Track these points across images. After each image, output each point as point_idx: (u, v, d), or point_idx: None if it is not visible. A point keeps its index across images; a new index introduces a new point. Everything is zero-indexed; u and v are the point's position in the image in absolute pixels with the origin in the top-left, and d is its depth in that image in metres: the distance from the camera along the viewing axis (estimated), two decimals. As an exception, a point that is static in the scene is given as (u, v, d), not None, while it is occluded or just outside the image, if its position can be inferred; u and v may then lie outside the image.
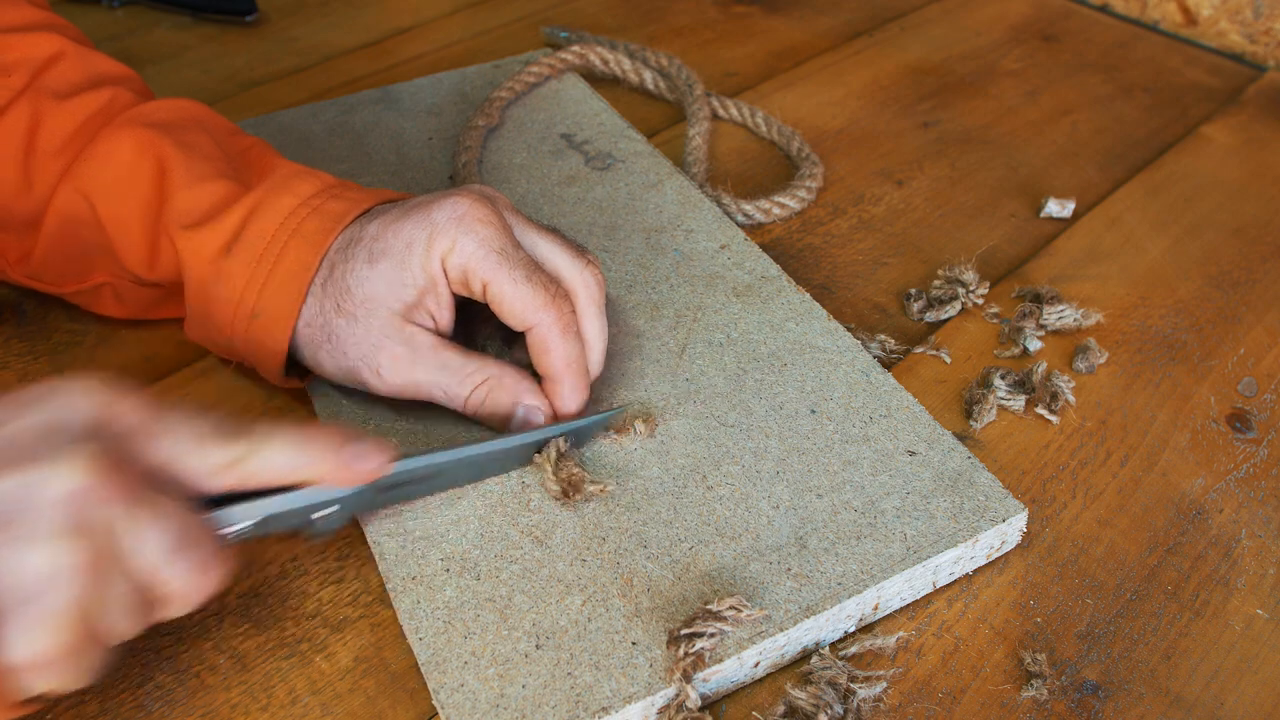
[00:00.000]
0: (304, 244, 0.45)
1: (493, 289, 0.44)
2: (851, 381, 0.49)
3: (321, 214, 0.46)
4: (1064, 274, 0.60)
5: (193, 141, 0.48)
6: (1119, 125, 0.73)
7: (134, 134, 0.48)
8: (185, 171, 0.47)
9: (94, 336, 0.54)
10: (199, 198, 0.46)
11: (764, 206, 0.63)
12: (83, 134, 0.49)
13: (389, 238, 0.44)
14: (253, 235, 0.45)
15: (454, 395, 0.45)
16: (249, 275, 0.45)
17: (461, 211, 0.44)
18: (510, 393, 0.45)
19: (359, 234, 0.45)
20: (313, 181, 0.47)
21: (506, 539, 0.43)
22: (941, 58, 0.81)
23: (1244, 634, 0.43)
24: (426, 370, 0.45)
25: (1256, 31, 0.82)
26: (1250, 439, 0.51)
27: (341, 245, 0.45)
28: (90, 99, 0.49)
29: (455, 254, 0.43)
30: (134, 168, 0.47)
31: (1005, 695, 0.40)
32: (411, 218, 0.44)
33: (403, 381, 0.45)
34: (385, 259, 0.44)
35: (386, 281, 0.44)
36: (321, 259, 0.45)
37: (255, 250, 0.45)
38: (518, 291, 0.44)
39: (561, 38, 0.79)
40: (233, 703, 0.39)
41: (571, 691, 0.37)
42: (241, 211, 0.46)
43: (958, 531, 0.43)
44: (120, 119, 0.49)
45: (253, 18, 0.84)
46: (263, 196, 0.46)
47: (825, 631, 0.41)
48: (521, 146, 0.66)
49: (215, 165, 0.48)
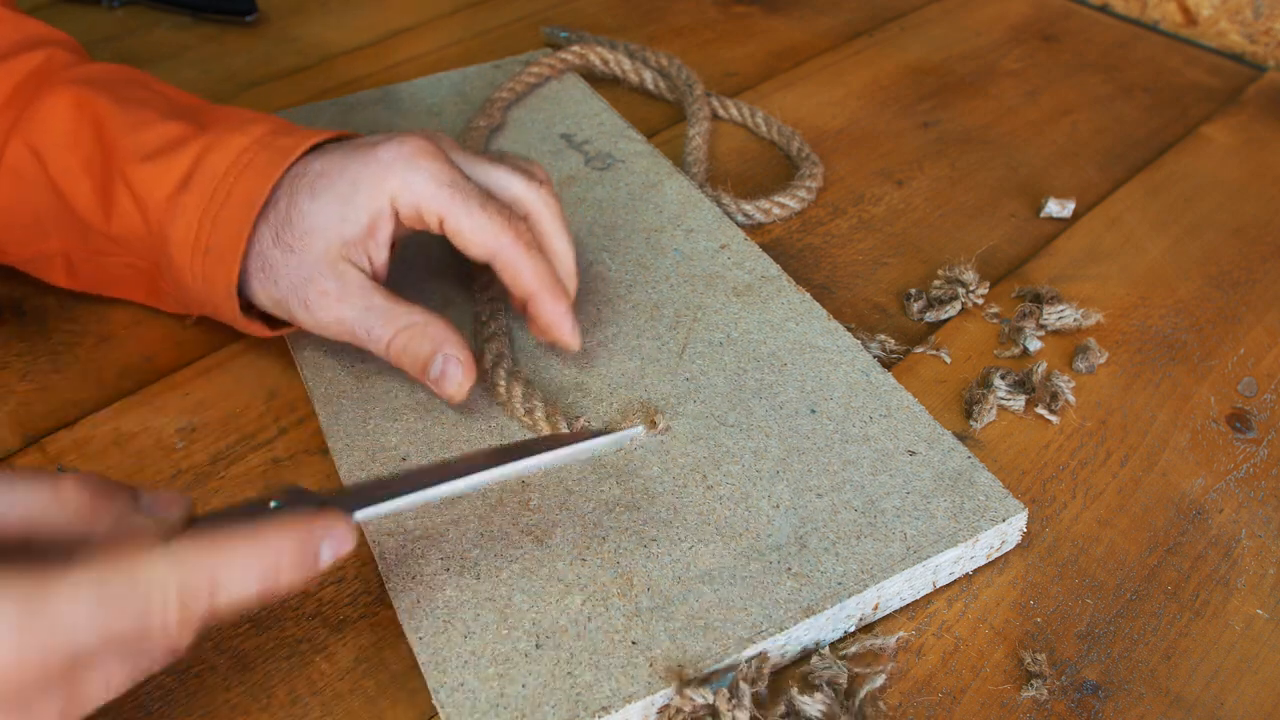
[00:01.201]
0: (255, 176, 0.45)
1: (449, 222, 0.44)
2: (851, 381, 0.49)
3: (272, 149, 0.46)
4: (1064, 274, 0.60)
5: (132, 95, 0.49)
6: (1119, 125, 0.73)
7: (72, 91, 0.48)
8: (125, 119, 0.47)
9: (93, 336, 0.54)
10: (149, 139, 0.47)
11: (764, 206, 0.63)
12: (22, 93, 0.49)
13: (334, 174, 0.45)
14: (206, 172, 0.45)
15: (377, 336, 0.45)
16: (202, 210, 0.45)
17: (408, 150, 0.44)
18: (432, 340, 0.45)
19: (304, 169, 0.45)
20: (265, 123, 0.47)
21: (506, 539, 0.43)
22: (941, 58, 0.81)
23: (1244, 634, 0.43)
24: (353, 309, 0.45)
25: (1256, 31, 0.82)
26: (1250, 439, 0.51)
27: (289, 179, 0.45)
28: (27, 59, 0.49)
29: (406, 191, 0.44)
30: (76, 123, 0.47)
31: (1005, 695, 0.40)
32: (358, 156, 0.45)
33: (329, 318, 0.45)
34: (328, 194, 0.44)
35: (327, 216, 0.44)
36: (270, 190, 0.45)
37: (208, 186, 0.45)
38: (474, 222, 0.44)
39: (561, 38, 0.80)
40: (233, 703, 0.39)
41: (571, 691, 0.37)
42: (195, 150, 0.46)
43: (958, 531, 0.43)
44: (58, 77, 0.49)
45: (253, 18, 0.84)
46: (215, 137, 0.46)
47: (825, 631, 0.41)
48: (521, 147, 0.66)
49: (159, 111, 0.48)
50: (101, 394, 0.51)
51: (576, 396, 0.49)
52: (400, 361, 0.46)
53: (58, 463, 0.48)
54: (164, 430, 0.49)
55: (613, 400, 0.49)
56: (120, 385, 0.52)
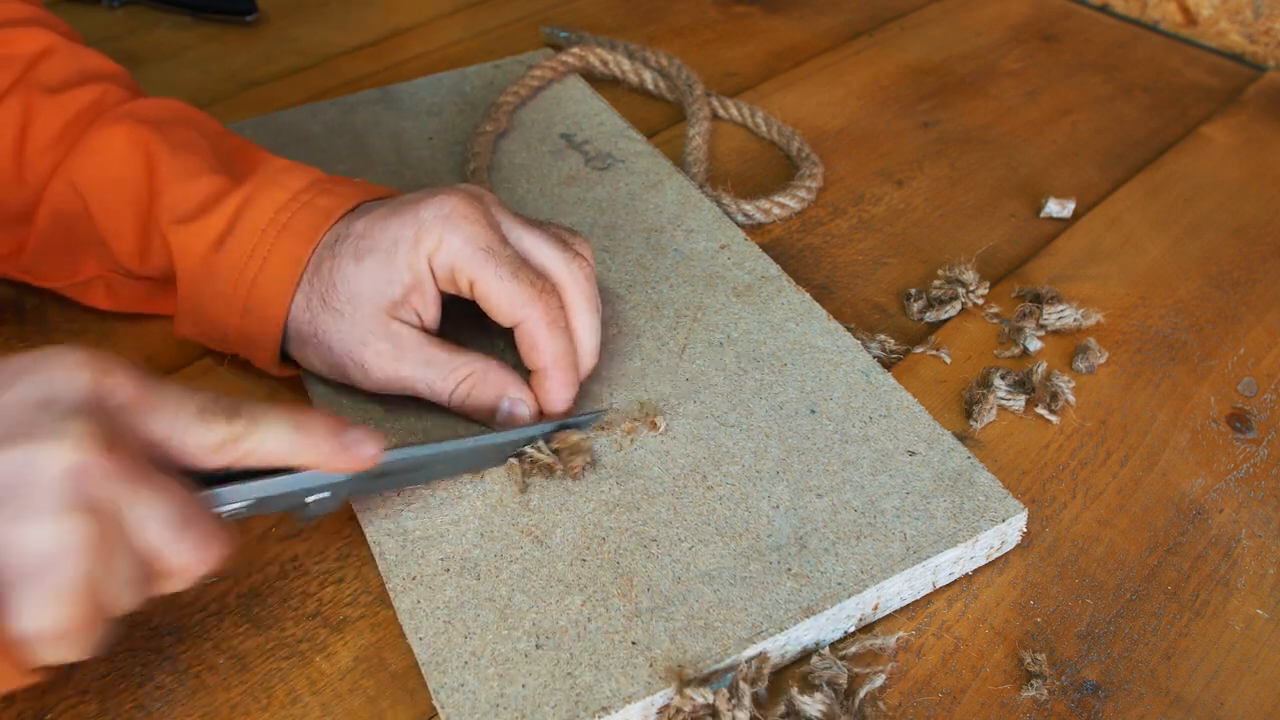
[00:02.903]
0: (294, 239, 0.45)
1: (479, 287, 0.44)
2: (851, 381, 0.49)
3: (311, 209, 0.46)
4: (1064, 274, 0.60)
5: (183, 138, 0.49)
6: (1119, 125, 0.73)
7: (125, 129, 0.48)
8: (175, 167, 0.47)
9: (93, 335, 0.54)
10: (190, 193, 0.47)
11: (764, 206, 0.63)
12: (74, 128, 0.49)
13: (376, 235, 0.44)
14: (244, 230, 0.45)
15: (439, 390, 0.45)
16: (241, 269, 0.45)
17: (448, 210, 0.44)
18: (494, 386, 0.46)
19: (346, 230, 0.45)
20: (302, 176, 0.47)
21: (506, 539, 0.43)
22: (941, 58, 0.81)
23: (1244, 634, 0.43)
24: (411, 365, 0.45)
25: (1256, 31, 0.82)
26: (1250, 439, 0.51)
27: (329, 241, 0.45)
28: (81, 94, 0.49)
29: (442, 252, 0.44)
30: (125, 162, 0.48)
31: (1005, 695, 0.40)
32: (399, 216, 0.44)
33: (388, 377, 0.45)
34: (371, 256, 0.44)
35: (372, 278, 0.44)
36: (311, 253, 0.45)
37: (247, 245, 0.45)
38: (503, 288, 0.44)
39: (561, 38, 0.79)
40: (233, 703, 0.39)
41: (571, 691, 0.37)
42: (232, 206, 0.46)
43: (958, 531, 0.43)
44: (111, 114, 0.49)
45: (253, 18, 0.84)
46: (253, 191, 0.46)
47: (825, 631, 0.41)
48: (521, 147, 0.66)
49: (205, 161, 0.48)
50: (101, 394, 0.51)
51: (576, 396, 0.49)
52: (464, 410, 0.46)
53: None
54: (164, 430, 0.49)
55: (613, 400, 0.48)
56: (120, 385, 0.52)
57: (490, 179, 0.63)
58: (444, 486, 0.45)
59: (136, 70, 0.77)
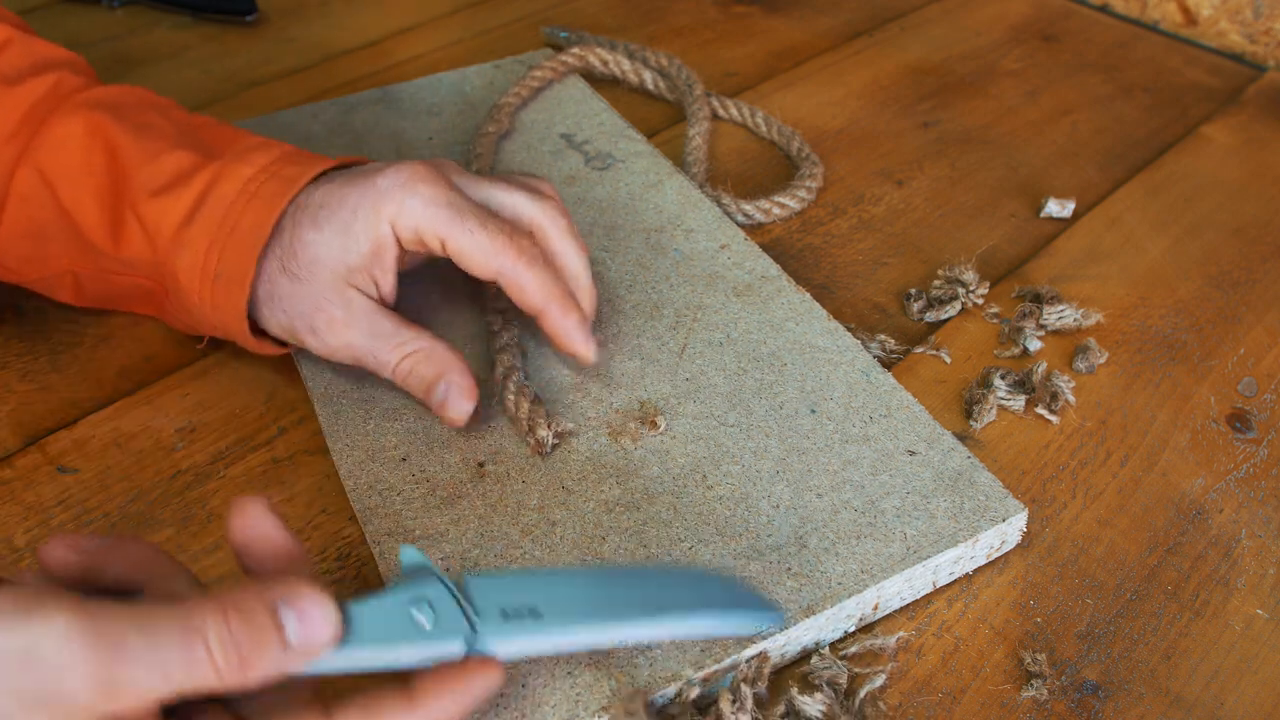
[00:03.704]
0: (261, 206, 0.45)
1: (450, 244, 0.45)
2: (851, 381, 0.49)
3: (278, 178, 0.46)
4: (1064, 274, 0.60)
5: (144, 120, 0.49)
6: (1119, 125, 0.73)
7: (84, 116, 0.48)
8: (139, 149, 0.47)
9: (93, 336, 0.54)
10: (160, 170, 0.47)
11: (764, 206, 0.63)
12: (32, 118, 0.49)
13: (334, 204, 0.45)
14: (213, 203, 0.46)
15: (383, 361, 0.46)
16: (210, 239, 0.45)
17: (405, 176, 0.45)
18: (437, 365, 0.46)
19: (307, 199, 0.46)
20: (271, 150, 0.48)
21: (506, 539, 0.43)
22: (941, 58, 0.81)
23: (1244, 634, 0.43)
24: (360, 334, 0.45)
25: (1256, 31, 0.82)
26: (1250, 439, 0.51)
27: (293, 209, 0.46)
28: (37, 84, 0.49)
29: (404, 215, 0.44)
30: (88, 149, 0.48)
31: (1005, 695, 0.40)
32: (357, 184, 0.45)
33: (337, 343, 0.46)
34: (330, 224, 0.45)
35: (330, 246, 0.45)
36: (277, 220, 0.45)
37: (216, 216, 0.46)
38: (475, 241, 0.44)
39: (561, 38, 0.80)
40: (232, 703, 0.39)
41: (571, 691, 0.37)
42: (203, 181, 0.46)
43: (958, 531, 0.43)
44: (69, 103, 0.49)
45: (253, 18, 0.84)
46: (222, 167, 0.46)
47: (825, 631, 0.41)
48: (521, 147, 0.66)
49: (169, 140, 0.48)
50: (101, 394, 0.51)
51: (576, 397, 0.49)
52: (406, 385, 0.46)
53: (57, 463, 0.48)
54: (163, 430, 0.49)
55: (613, 400, 0.48)
56: (120, 385, 0.52)
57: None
58: (444, 486, 0.45)
59: (136, 70, 0.77)
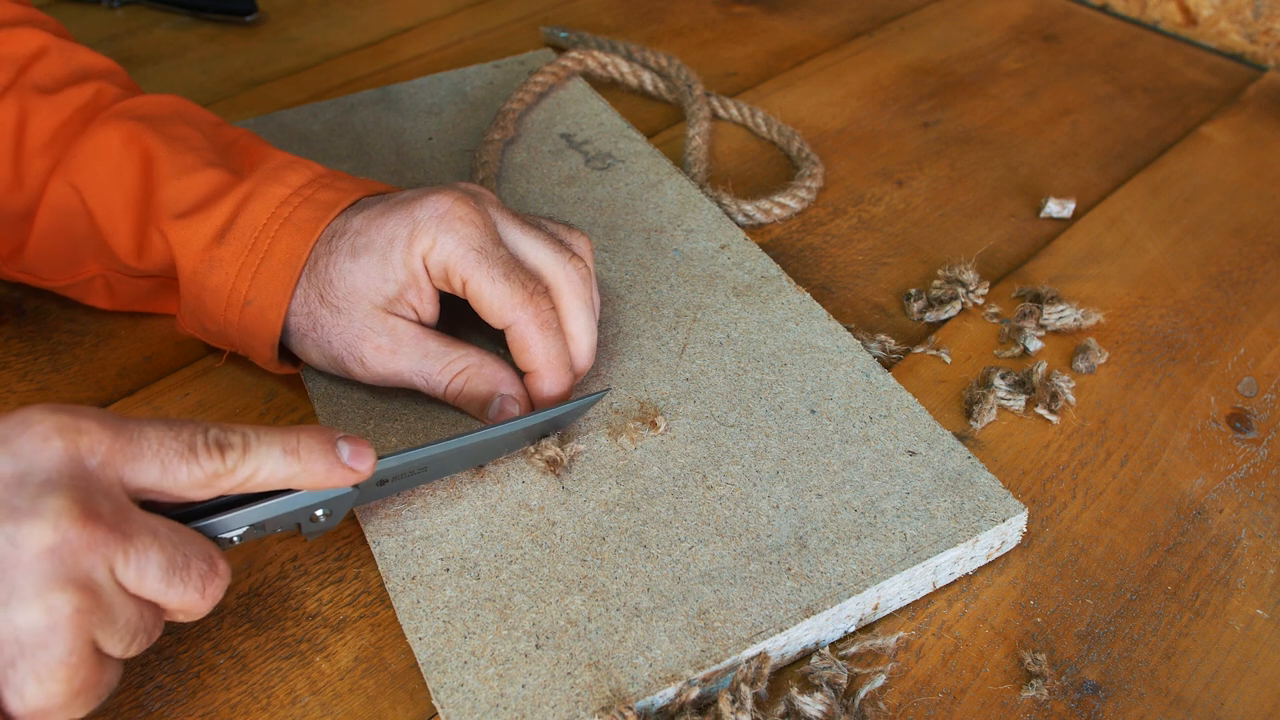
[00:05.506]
0: (295, 233, 0.45)
1: (471, 287, 0.44)
2: (851, 381, 0.49)
3: (312, 203, 0.46)
4: (1064, 274, 0.60)
5: (179, 134, 0.49)
6: (1119, 125, 0.73)
7: (121, 127, 0.48)
8: (172, 163, 0.47)
9: (93, 336, 0.54)
10: (188, 187, 0.47)
11: (764, 206, 0.63)
12: (69, 128, 0.49)
13: (372, 233, 0.45)
14: (245, 224, 0.46)
15: (434, 383, 0.46)
16: (241, 263, 0.45)
17: (443, 209, 0.44)
18: (488, 381, 0.46)
19: (344, 226, 0.45)
20: (303, 171, 0.47)
21: (506, 539, 0.43)
22: (941, 58, 0.81)
23: (1244, 634, 0.43)
24: (408, 359, 0.45)
25: (1256, 31, 0.82)
26: (1250, 439, 0.51)
27: (327, 237, 0.45)
28: (75, 93, 0.49)
29: (435, 251, 0.44)
30: (121, 160, 0.48)
31: (1005, 695, 0.40)
32: (395, 214, 0.45)
33: (386, 371, 0.45)
34: (367, 253, 0.44)
35: (367, 276, 0.44)
36: (311, 248, 0.45)
37: (247, 239, 0.45)
38: (495, 290, 0.44)
39: (561, 38, 0.79)
40: (233, 703, 0.39)
41: (571, 691, 0.37)
42: (234, 201, 0.46)
43: (958, 531, 0.43)
44: (106, 113, 0.49)
45: (253, 18, 0.84)
46: (254, 186, 0.46)
47: (825, 631, 0.41)
48: (522, 147, 0.66)
49: (203, 156, 0.48)
50: (101, 394, 0.51)
51: (575, 397, 0.49)
52: (459, 403, 0.47)
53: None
54: (164, 430, 0.49)
55: (612, 400, 0.48)
56: (120, 385, 0.52)
57: (496, 183, 0.63)
58: (444, 486, 0.45)
59: (136, 70, 0.77)
